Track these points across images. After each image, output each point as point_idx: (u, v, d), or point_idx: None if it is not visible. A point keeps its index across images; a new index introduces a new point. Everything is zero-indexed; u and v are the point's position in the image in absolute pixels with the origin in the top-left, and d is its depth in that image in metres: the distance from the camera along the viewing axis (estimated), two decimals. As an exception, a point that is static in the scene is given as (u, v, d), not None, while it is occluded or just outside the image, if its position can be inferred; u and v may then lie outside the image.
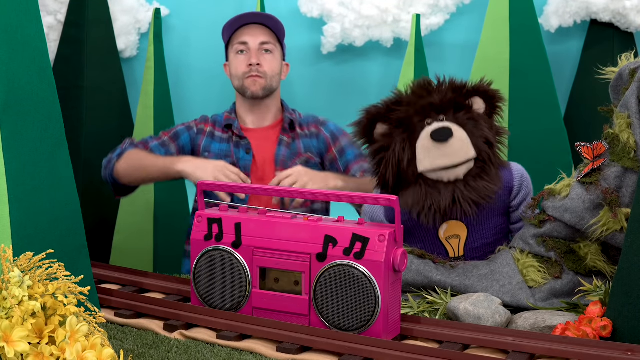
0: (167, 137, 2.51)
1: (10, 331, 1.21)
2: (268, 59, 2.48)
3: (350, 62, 3.25)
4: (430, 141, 1.92)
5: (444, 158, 1.93)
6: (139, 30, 3.19)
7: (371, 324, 1.59)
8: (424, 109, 1.97)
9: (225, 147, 2.48)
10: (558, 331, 1.61)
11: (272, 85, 2.49)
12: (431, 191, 1.95)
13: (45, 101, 1.52)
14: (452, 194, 1.94)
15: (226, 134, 2.51)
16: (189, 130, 2.53)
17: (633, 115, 1.84)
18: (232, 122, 2.51)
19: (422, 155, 1.94)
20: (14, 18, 1.46)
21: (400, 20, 3.06)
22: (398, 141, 1.97)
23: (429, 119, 1.97)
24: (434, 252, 2.03)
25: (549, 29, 3.09)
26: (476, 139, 1.96)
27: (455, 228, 2.03)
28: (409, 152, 1.96)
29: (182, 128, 2.54)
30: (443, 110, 1.97)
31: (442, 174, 1.95)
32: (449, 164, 1.93)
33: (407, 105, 1.98)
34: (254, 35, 2.48)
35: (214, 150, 2.48)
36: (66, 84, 2.91)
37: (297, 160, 2.46)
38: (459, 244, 2.03)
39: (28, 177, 1.47)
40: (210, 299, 1.75)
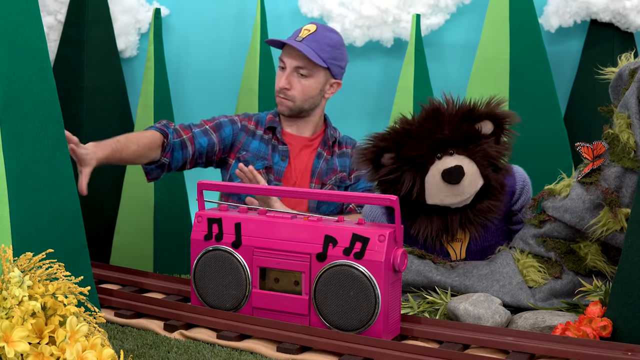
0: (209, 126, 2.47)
1: (10, 331, 1.21)
2: (301, 83, 2.42)
3: (350, 62, 3.24)
4: (441, 181, 1.91)
5: (455, 197, 1.93)
6: (139, 30, 3.18)
7: (371, 324, 1.59)
8: (435, 145, 1.92)
9: (264, 148, 2.46)
10: (558, 331, 1.61)
11: (303, 107, 2.45)
12: (439, 221, 1.96)
13: (45, 101, 1.52)
14: (459, 220, 1.97)
15: (267, 134, 2.48)
16: (233, 125, 2.49)
17: (633, 115, 1.84)
18: (276, 126, 2.48)
19: (432, 191, 1.93)
20: (14, 18, 1.46)
21: (400, 20, 3.06)
22: (407, 178, 1.93)
23: (439, 153, 1.93)
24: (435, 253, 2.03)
25: (549, 29, 3.09)
26: (484, 168, 1.94)
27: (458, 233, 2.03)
28: (418, 186, 1.93)
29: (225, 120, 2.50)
30: (454, 144, 1.93)
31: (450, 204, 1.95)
32: (460, 202, 1.94)
33: (417, 140, 1.93)
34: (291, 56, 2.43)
35: (252, 149, 2.46)
36: (66, 84, 2.91)
37: (332, 177, 2.45)
38: (461, 248, 2.04)
39: (28, 177, 1.47)
40: (210, 299, 1.75)
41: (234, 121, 2.50)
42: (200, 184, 1.80)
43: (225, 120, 2.49)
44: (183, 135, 2.41)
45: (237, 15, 3.26)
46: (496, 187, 1.98)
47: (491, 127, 1.97)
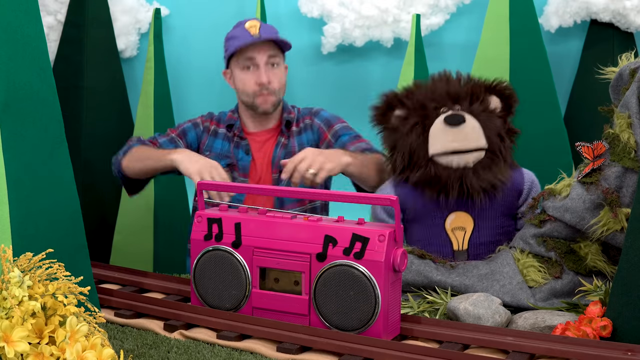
0: (175, 134, 2.51)
1: (10, 331, 1.21)
2: (277, 74, 2.45)
3: (351, 62, 3.25)
4: (443, 125, 1.99)
5: (456, 142, 1.98)
6: (139, 30, 3.19)
7: (371, 324, 1.59)
8: (441, 97, 2.04)
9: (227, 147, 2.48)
10: (558, 331, 1.61)
11: (281, 97, 2.49)
12: (439, 173, 2.00)
13: (45, 101, 1.52)
14: (459, 178, 1.99)
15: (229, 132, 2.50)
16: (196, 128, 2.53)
17: (633, 115, 1.84)
18: (234, 122, 2.50)
19: (434, 138, 2.00)
20: (14, 18, 1.46)
21: (400, 20, 3.06)
22: (411, 123, 2.03)
23: (445, 107, 2.03)
24: (438, 242, 2.05)
25: (549, 29, 3.09)
26: (488, 130, 2.01)
27: (461, 220, 2.05)
28: (421, 135, 2.02)
29: (188, 125, 2.53)
30: (459, 100, 2.04)
31: (452, 159, 1.99)
32: (460, 147, 1.98)
33: (426, 94, 2.05)
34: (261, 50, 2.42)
35: (215, 149, 2.48)
36: (66, 84, 2.91)
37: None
38: (464, 237, 2.05)
39: (28, 177, 1.47)
40: (210, 299, 1.75)
41: (197, 124, 2.54)
42: (200, 184, 1.80)
43: (188, 125, 2.54)
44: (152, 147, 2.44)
45: (237, 15, 3.26)
46: (499, 156, 2.02)
47: (498, 104, 2.08)
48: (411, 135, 2.03)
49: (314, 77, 3.28)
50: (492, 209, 2.05)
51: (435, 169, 2.00)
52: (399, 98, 2.10)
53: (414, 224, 2.09)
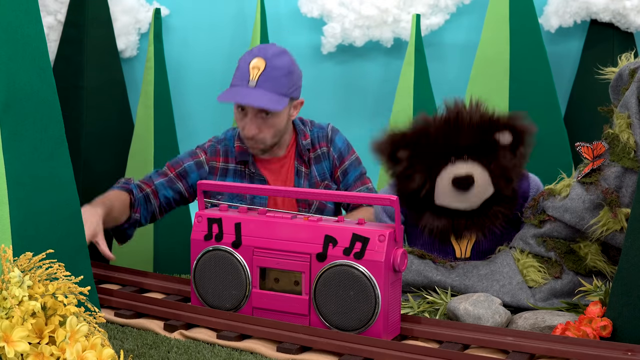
0: (173, 174, 2.32)
1: (10, 331, 1.21)
2: (268, 124, 2.23)
3: (350, 62, 3.24)
4: (451, 186, 1.92)
5: (462, 203, 1.95)
6: (139, 30, 3.18)
7: (371, 324, 1.59)
8: (450, 150, 1.94)
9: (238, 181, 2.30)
10: (558, 331, 1.61)
11: (275, 141, 2.28)
12: (446, 221, 1.96)
13: (45, 101, 1.52)
14: (465, 222, 1.97)
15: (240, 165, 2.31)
16: (199, 169, 2.32)
17: (633, 115, 1.84)
18: (247, 159, 2.31)
19: (441, 193, 1.95)
20: (14, 18, 1.46)
21: (400, 20, 3.06)
22: (418, 178, 1.95)
23: (454, 157, 1.94)
24: (441, 249, 2.04)
25: (549, 29, 3.09)
26: (497, 178, 1.95)
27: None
28: (427, 187, 1.95)
29: (190, 164, 2.32)
30: (469, 151, 1.94)
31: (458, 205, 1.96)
32: (467, 208, 1.95)
33: (434, 143, 1.94)
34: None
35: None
36: (66, 84, 2.91)
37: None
38: (467, 245, 2.04)
39: (28, 177, 1.47)
40: (210, 299, 1.75)
41: (200, 164, 2.33)
42: (200, 184, 1.80)
43: (190, 164, 2.33)
44: (146, 189, 2.30)
45: (237, 15, 3.26)
46: (507, 195, 1.98)
47: (509, 137, 1.97)
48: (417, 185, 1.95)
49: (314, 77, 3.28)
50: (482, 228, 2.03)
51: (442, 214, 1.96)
52: (404, 138, 1.97)
53: (416, 229, 2.07)
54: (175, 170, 2.33)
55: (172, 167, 2.35)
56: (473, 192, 1.93)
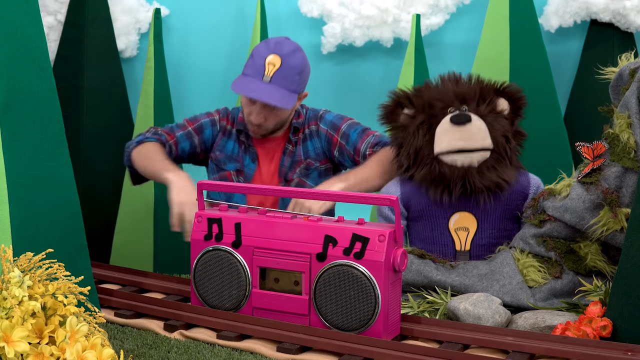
0: (191, 128, 2.47)
1: (10, 331, 1.21)
2: (274, 114, 2.35)
3: (350, 62, 3.24)
4: (449, 124, 2.01)
5: (461, 140, 2.00)
6: (139, 30, 3.18)
7: (371, 324, 1.59)
8: (448, 97, 2.07)
9: (237, 150, 2.45)
10: (558, 331, 1.61)
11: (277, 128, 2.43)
12: (444, 171, 2.01)
13: (45, 101, 1.52)
14: (463, 176, 2.00)
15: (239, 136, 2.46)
16: (213, 126, 2.48)
17: (633, 115, 1.84)
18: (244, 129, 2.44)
19: (440, 137, 2.02)
20: (14, 18, 1.46)
21: (400, 20, 3.06)
22: (417, 122, 2.06)
23: (452, 107, 2.06)
24: (441, 241, 2.05)
25: (549, 29, 3.08)
26: (494, 131, 2.03)
27: (465, 220, 2.05)
28: (427, 134, 2.04)
29: (206, 121, 2.49)
30: (466, 101, 2.07)
31: (456, 158, 2.00)
32: (465, 146, 2.00)
33: (435, 94, 2.08)
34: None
35: (226, 150, 2.46)
36: (66, 84, 2.91)
37: (296, 169, 2.42)
38: (467, 237, 2.05)
39: (28, 177, 1.47)
40: (210, 299, 1.75)
41: (214, 122, 2.49)
42: (200, 184, 1.80)
43: (206, 121, 2.49)
44: (169, 140, 2.44)
45: (237, 15, 3.25)
46: (504, 157, 2.04)
47: (506, 107, 2.10)
48: (417, 134, 2.05)
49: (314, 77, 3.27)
50: (496, 210, 2.05)
51: (440, 167, 2.01)
52: (408, 97, 2.13)
53: (418, 223, 2.10)
54: (194, 124, 2.48)
55: (190, 121, 2.50)
56: (472, 129, 2.00)
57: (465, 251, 2.06)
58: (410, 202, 2.09)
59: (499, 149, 2.03)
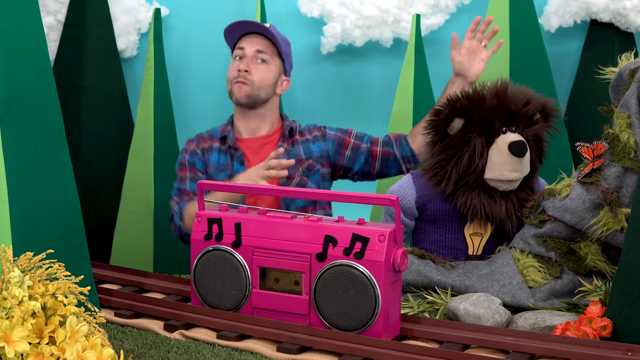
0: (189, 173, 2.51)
1: (10, 331, 1.21)
2: (260, 69, 2.48)
3: (350, 62, 3.24)
4: (508, 153, 1.95)
5: (516, 172, 1.97)
6: (139, 30, 3.19)
7: (371, 324, 1.59)
8: (507, 117, 1.98)
9: (223, 160, 2.49)
10: (558, 331, 1.61)
11: (259, 95, 2.48)
12: (488, 201, 1.99)
13: (45, 101, 1.52)
14: (505, 206, 1.99)
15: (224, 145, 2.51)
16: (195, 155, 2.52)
17: (633, 115, 1.84)
18: (227, 134, 2.51)
19: (495, 163, 1.97)
20: (14, 18, 1.46)
21: (401, 20, 3.06)
22: (478, 144, 1.97)
23: (505, 127, 1.98)
24: (454, 245, 2.05)
25: (549, 29, 3.09)
26: (534, 153, 2.02)
27: (481, 226, 2.05)
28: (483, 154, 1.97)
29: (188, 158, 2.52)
30: (518, 121, 1.99)
31: (500, 185, 1.99)
32: (517, 178, 1.98)
33: (489, 109, 1.97)
34: (251, 42, 2.49)
35: (213, 163, 2.49)
36: (66, 84, 2.91)
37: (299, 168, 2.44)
38: (480, 243, 2.05)
39: (28, 177, 1.47)
40: (210, 299, 1.75)
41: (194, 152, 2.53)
42: (200, 184, 1.80)
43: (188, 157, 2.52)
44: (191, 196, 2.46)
45: (237, 15, 3.26)
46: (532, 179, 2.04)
47: (540, 118, 2.05)
48: (475, 154, 1.97)
49: (313, 78, 3.28)
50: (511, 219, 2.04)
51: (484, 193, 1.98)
52: (465, 108, 1.99)
53: (431, 225, 2.08)
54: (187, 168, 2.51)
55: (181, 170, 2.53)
56: (524, 160, 1.97)
57: (477, 255, 2.05)
58: (426, 206, 2.06)
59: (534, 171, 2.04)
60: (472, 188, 1.99)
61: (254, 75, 2.47)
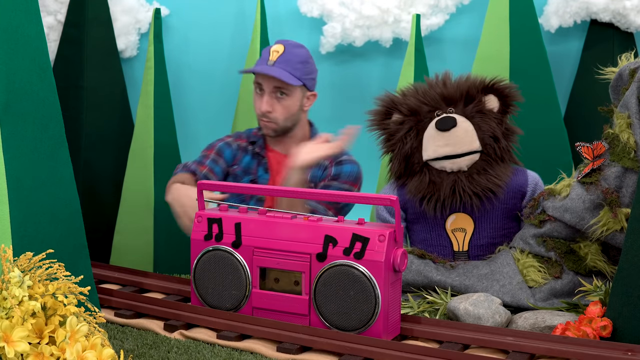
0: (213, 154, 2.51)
1: (10, 331, 1.21)
2: (282, 104, 2.44)
3: (350, 62, 3.24)
4: (435, 130, 2.00)
5: (447, 147, 1.99)
6: (139, 30, 3.18)
7: (371, 324, 1.59)
8: (433, 100, 2.05)
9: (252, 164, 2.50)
10: (558, 331, 1.61)
11: (287, 126, 2.46)
12: (433, 179, 2.01)
13: (45, 101, 1.52)
14: (452, 184, 1.99)
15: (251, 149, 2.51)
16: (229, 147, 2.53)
17: (633, 115, 1.84)
18: (257, 140, 2.52)
19: (427, 143, 2.02)
20: (14, 18, 1.46)
21: (401, 20, 3.06)
22: (405, 128, 2.05)
23: (439, 110, 2.04)
24: (439, 243, 2.05)
25: (549, 29, 3.08)
26: (482, 132, 2.02)
27: (462, 221, 2.05)
28: (415, 140, 2.03)
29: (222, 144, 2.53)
30: (453, 102, 2.05)
31: (445, 164, 2.00)
32: (451, 152, 1.99)
33: (420, 95, 2.07)
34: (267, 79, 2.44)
35: (242, 164, 2.49)
36: (66, 84, 2.91)
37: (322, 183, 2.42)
38: (465, 238, 2.05)
39: (28, 177, 1.47)
40: (210, 299, 1.75)
41: (229, 143, 2.53)
42: (200, 184, 1.80)
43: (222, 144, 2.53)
44: (203, 170, 2.46)
45: (236, 15, 3.25)
46: (496, 161, 2.03)
47: (496, 104, 2.08)
48: (405, 141, 2.05)
49: (314, 77, 3.27)
50: (493, 210, 2.05)
51: (430, 176, 2.01)
52: (395, 103, 2.10)
53: (416, 225, 2.10)
54: (213, 150, 2.51)
55: (208, 149, 2.53)
56: (457, 133, 1.99)
57: (464, 251, 2.05)
58: (407, 205, 2.09)
59: (487, 150, 2.02)
60: (418, 174, 2.03)
61: (276, 112, 2.44)
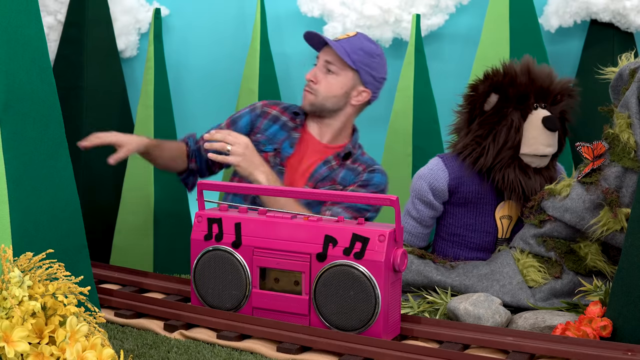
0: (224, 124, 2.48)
1: (10, 331, 1.21)
2: (328, 79, 2.41)
3: (350, 62, 3.24)
4: (542, 127, 1.99)
5: (549, 147, 2.01)
6: (139, 30, 3.18)
7: (371, 324, 1.59)
8: (541, 93, 2.03)
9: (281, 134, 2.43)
10: (558, 331, 1.61)
11: (324, 104, 2.39)
12: (523, 177, 2.00)
13: (45, 101, 1.52)
14: (540, 182, 2.01)
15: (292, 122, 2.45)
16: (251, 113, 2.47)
17: (633, 115, 1.84)
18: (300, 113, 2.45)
19: (530, 138, 2.00)
20: (14, 18, 1.46)
21: (401, 20, 3.06)
22: (515, 119, 2.00)
23: (537, 103, 2.03)
24: (484, 229, 2.06)
25: (549, 29, 3.08)
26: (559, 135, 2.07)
27: (510, 208, 2.06)
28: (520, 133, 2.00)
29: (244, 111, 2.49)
30: (547, 98, 2.04)
31: (534, 160, 2.01)
32: (551, 152, 2.02)
33: (525, 85, 2.01)
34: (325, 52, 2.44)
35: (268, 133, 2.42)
36: (66, 84, 2.91)
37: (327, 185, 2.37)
38: (509, 226, 2.06)
39: (28, 177, 1.47)
40: (210, 299, 1.75)
41: (254, 109, 2.48)
42: (200, 184, 1.80)
43: (243, 112, 2.49)
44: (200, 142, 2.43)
45: (237, 15, 3.25)
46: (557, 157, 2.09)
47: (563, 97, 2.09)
48: (511, 129, 2.00)
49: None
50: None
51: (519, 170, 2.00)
52: (501, 82, 2.02)
53: (462, 208, 2.07)
54: (230, 119, 2.48)
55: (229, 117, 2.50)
56: (556, 136, 2.03)
57: (505, 239, 2.07)
58: (459, 188, 2.05)
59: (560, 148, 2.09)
60: (507, 165, 2.00)
61: (320, 85, 2.41)
